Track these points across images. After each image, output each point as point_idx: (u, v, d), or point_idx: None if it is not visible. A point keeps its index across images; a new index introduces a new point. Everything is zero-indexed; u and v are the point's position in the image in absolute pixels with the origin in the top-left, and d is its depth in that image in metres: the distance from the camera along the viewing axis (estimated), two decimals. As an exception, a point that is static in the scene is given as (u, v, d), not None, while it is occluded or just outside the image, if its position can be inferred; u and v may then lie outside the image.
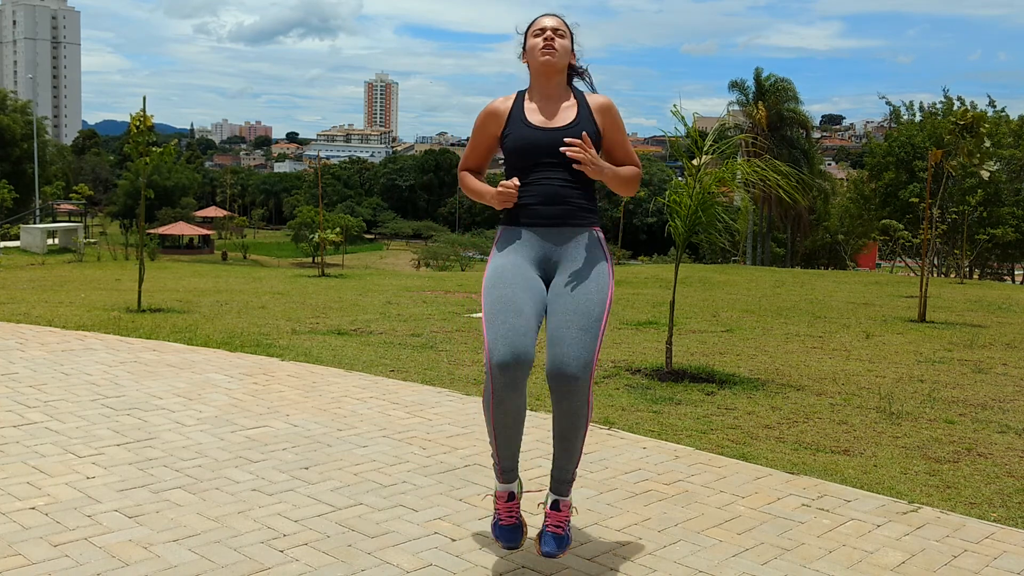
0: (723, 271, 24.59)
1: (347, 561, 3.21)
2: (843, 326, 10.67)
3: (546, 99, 3.29)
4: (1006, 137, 33.12)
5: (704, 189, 6.67)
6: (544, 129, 3.22)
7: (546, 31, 3.27)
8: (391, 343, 8.08)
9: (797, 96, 44.08)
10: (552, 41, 3.24)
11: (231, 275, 21.66)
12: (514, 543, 3.22)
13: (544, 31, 3.27)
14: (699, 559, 3.34)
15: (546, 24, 3.29)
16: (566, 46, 3.28)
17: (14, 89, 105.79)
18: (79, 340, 7.63)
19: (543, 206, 3.18)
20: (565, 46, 3.27)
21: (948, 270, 30.85)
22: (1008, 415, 5.87)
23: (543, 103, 3.29)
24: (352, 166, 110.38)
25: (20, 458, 4.25)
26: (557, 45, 3.24)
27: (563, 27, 3.31)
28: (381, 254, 71.22)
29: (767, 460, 4.62)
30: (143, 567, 3.09)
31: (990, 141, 13.44)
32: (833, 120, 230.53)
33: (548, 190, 3.18)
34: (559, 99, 3.30)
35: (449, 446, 4.70)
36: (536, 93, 3.31)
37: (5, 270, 24.00)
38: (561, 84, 3.32)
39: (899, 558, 3.41)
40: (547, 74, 3.27)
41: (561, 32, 3.28)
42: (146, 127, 11.10)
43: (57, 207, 68.09)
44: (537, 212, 3.19)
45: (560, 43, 3.25)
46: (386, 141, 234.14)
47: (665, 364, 6.88)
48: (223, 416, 5.15)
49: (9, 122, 58.60)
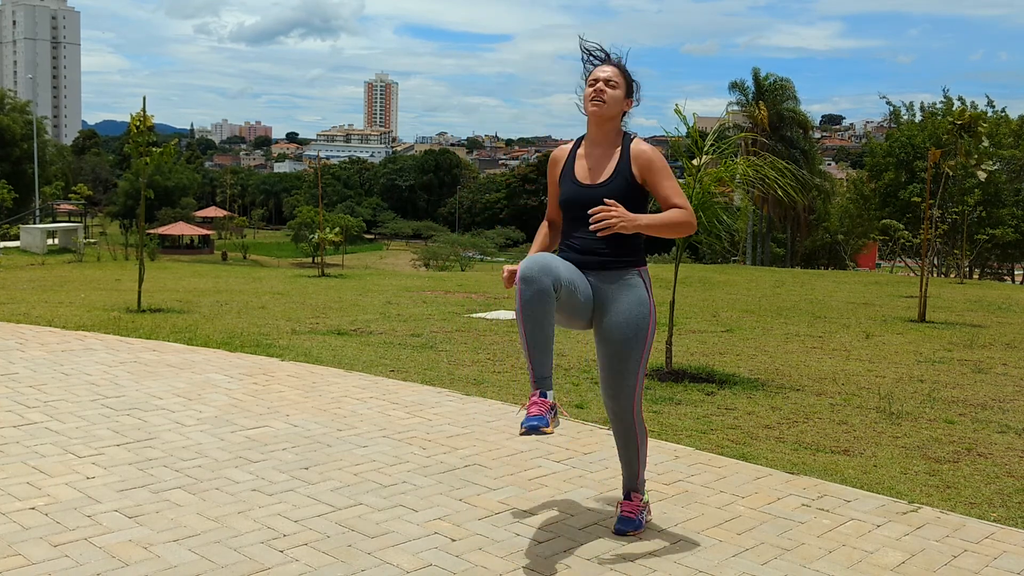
0: (723, 271, 24.59)
1: (347, 561, 3.21)
2: (843, 326, 10.67)
3: (596, 146, 3.55)
4: (1006, 137, 33.12)
5: (704, 189, 6.68)
6: (584, 186, 3.50)
7: (598, 82, 3.50)
8: (391, 343, 8.08)
9: (796, 96, 44.08)
10: (602, 93, 3.47)
11: (231, 275, 21.66)
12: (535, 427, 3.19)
13: (596, 82, 3.50)
14: (699, 559, 3.34)
15: (599, 75, 3.52)
16: (616, 96, 3.49)
17: (13, 88, 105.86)
18: (79, 340, 7.63)
19: (580, 255, 3.50)
20: (615, 97, 3.49)
21: (948, 270, 30.83)
22: (1008, 415, 5.87)
23: (591, 150, 3.55)
24: (352, 166, 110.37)
25: (20, 458, 4.25)
26: (606, 97, 3.47)
27: (616, 77, 3.51)
28: (381, 254, 71.22)
29: (767, 460, 4.62)
30: (143, 567, 3.09)
31: (988, 141, 13.45)
32: (833, 120, 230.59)
33: (584, 243, 3.49)
34: (607, 146, 3.53)
35: (449, 446, 4.70)
36: (588, 139, 3.59)
37: (5, 270, 24.00)
38: (611, 131, 3.54)
39: (899, 558, 3.41)
40: (596, 122, 3.51)
41: (613, 83, 3.49)
42: (146, 127, 11.11)
43: (57, 207, 68.08)
44: (579, 259, 3.50)
45: (610, 94, 3.47)
46: (386, 141, 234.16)
47: (665, 364, 6.88)
48: (223, 416, 5.15)
49: (9, 122, 58.57)
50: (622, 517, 3.64)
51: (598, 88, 3.48)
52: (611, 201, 3.33)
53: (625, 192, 3.44)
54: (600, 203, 3.37)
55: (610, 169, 3.48)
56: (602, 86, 3.48)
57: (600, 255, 3.46)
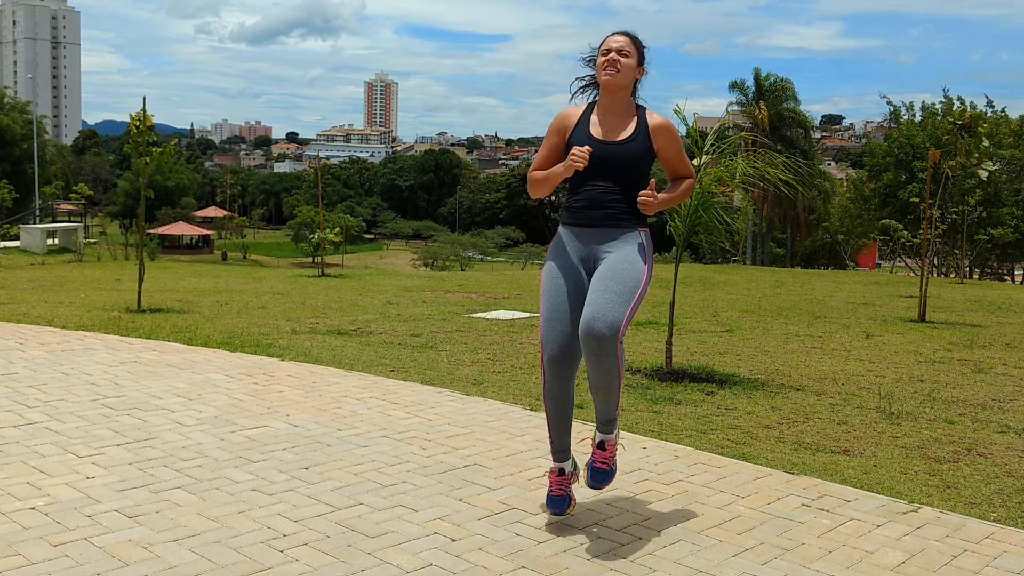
0: (723, 271, 24.59)
1: (347, 561, 3.21)
2: (843, 326, 10.67)
3: (609, 113, 3.62)
4: (1006, 137, 33.12)
5: (704, 189, 6.68)
6: (601, 142, 3.56)
7: (611, 52, 3.56)
8: (391, 343, 8.08)
9: (796, 96, 44.11)
10: (616, 62, 3.54)
11: (231, 275, 21.66)
12: (560, 511, 3.64)
13: (609, 52, 3.57)
14: (699, 559, 3.34)
15: (611, 45, 3.59)
16: (630, 65, 3.56)
17: (12, 87, 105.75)
18: (79, 340, 7.63)
19: (588, 209, 3.57)
20: (629, 65, 3.56)
21: (948, 270, 30.83)
22: (1008, 415, 5.87)
23: (605, 117, 3.62)
24: (352, 166, 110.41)
25: (20, 458, 4.25)
26: (620, 66, 3.54)
27: (629, 47, 3.58)
28: (381, 254, 71.24)
29: (767, 460, 4.62)
30: (143, 567, 3.09)
31: (988, 141, 13.44)
32: (833, 120, 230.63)
33: (593, 196, 3.56)
34: (621, 114, 3.62)
35: (449, 446, 4.70)
36: (601, 107, 3.64)
37: (5, 270, 23.99)
38: (623, 100, 3.62)
39: (899, 558, 3.41)
40: (609, 91, 3.59)
41: (626, 52, 3.56)
42: (146, 127, 11.10)
43: (57, 207, 68.08)
44: (582, 215, 3.59)
45: (624, 63, 3.54)
46: (386, 141, 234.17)
47: (665, 364, 6.88)
48: (223, 416, 5.15)
49: (9, 122, 58.57)
50: (596, 470, 3.64)
51: (611, 58, 3.54)
52: (648, 192, 3.47)
53: (642, 154, 3.56)
54: (619, 158, 3.52)
55: (629, 130, 3.58)
56: (615, 56, 3.54)
57: (610, 208, 3.55)
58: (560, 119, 3.69)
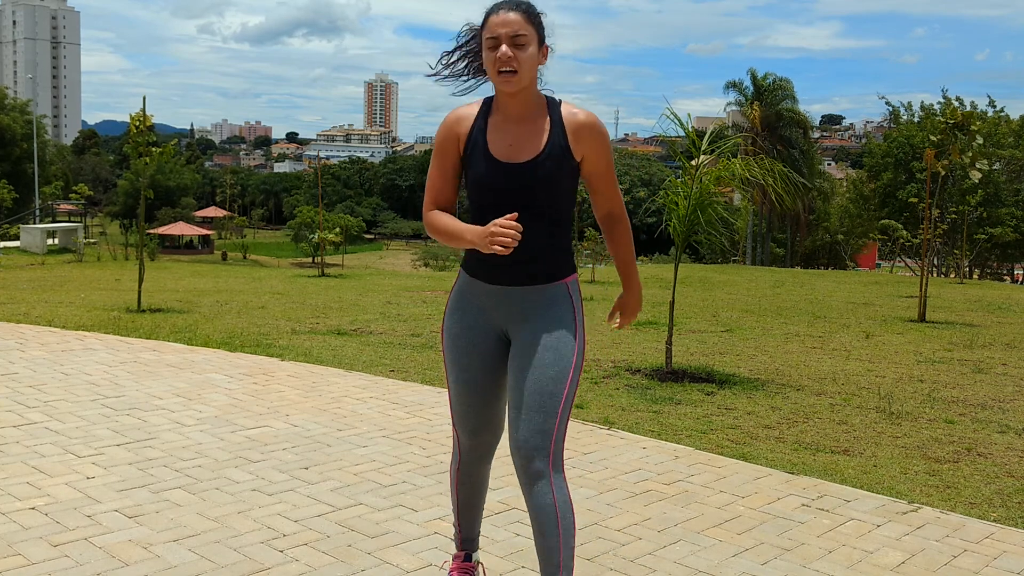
0: (723, 271, 24.59)
1: (347, 561, 3.21)
2: (843, 326, 10.67)
3: (511, 120, 2.68)
4: (1006, 137, 33.13)
5: (703, 189, 6.68)
6: (506, 165, 2.63)
7: (500, 42, 2.57)
8: (391, 343, 8.08)
9: (795, 96, 44.08)
10: (511, 60, 2.56)
11: (231, 275, 21.66)
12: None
13: (498, 42, 2.57)
14: (699, 559, 3.34)
15: (499, 31, 2.57)
16: (530, 56, 2.58)
17: (12, 87, 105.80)
18: (79, 340, 7.63)
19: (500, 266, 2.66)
20: (529, 57, 2.58)
21: (948, 270, 30.84)
22: (1008, 415, 5.87)
23: (506, 125, 2.67)
24: (352, 166, 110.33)
25: (20, 458, 4.25)
26: (517, 63, 2.56)
27: (524, 27, 2.58)
28: (381, 254, 71.18)
29: (767, 460, 4.62)
30: (143, 567, 3.09)
31: (983, 139, 13.45)
32: (833, 120, 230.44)
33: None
34: (527, 118, 2.67)
35: (449, 446, 4.69)
36: (499, 109, 2.69)
37: (5, 270, 23.99)
38: (530, 98, 2.66)
39: (899, 558, 3.41)
40: (509, 94, 2.64)
41: (522, 39, 2.57)
42: (146, 127, 11.10)
43: (57, 207, 68.05)
44: (492, 272, 2.69)
45: (522, 57, 2.56)
46: (386, 141, 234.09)
47: (665, 364, 6.88)
48: (223, 416, 5.15)
49: (9, 122, 58.54)
50: None
51: (504, 55, 2.55)
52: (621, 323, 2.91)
53: (561, 172, 2.63)
54: (527, 187, 2.60)
55: (539, 143, 2.63)
56: (508, 50, 2.55)
57: (537, 259, 2.65)
58: (448, 127, 2.71)
